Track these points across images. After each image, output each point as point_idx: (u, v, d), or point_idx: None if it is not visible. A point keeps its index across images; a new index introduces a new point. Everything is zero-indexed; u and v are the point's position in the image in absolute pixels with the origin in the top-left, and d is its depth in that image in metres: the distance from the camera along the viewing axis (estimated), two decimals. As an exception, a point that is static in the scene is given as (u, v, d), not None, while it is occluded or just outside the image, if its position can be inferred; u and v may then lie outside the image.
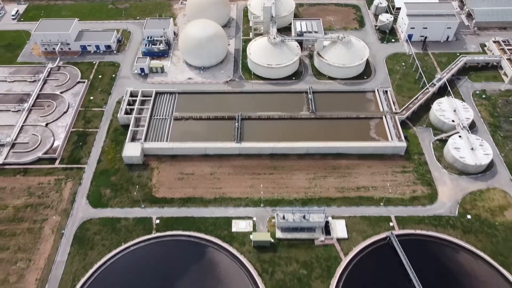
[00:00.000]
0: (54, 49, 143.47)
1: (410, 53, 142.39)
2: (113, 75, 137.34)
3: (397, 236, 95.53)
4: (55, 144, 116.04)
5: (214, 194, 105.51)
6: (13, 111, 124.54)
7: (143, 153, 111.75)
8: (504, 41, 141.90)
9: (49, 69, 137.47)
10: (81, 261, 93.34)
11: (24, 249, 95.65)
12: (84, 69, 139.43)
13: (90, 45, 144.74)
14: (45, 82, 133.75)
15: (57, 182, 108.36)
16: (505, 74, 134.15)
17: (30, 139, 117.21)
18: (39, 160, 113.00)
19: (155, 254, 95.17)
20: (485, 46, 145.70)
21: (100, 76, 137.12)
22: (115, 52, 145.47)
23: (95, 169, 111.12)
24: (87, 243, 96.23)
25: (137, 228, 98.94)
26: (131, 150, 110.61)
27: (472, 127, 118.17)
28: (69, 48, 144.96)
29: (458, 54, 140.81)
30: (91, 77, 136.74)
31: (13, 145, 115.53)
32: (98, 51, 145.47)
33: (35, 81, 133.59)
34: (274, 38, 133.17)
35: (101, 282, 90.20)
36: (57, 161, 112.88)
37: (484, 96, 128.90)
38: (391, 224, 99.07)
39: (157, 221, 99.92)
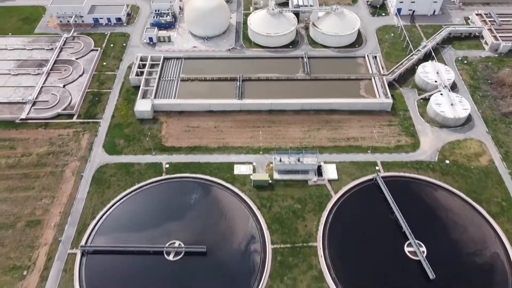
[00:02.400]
0: (68, 21, 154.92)
1: (399, 25, 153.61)
2: (124, 44, 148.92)
3: (382, 177, 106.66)
4: (72, 102, 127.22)
5: (217, 143, 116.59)
6: (33, 74, 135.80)
7: (153, 109, 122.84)
8: (486, 14, 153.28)
9: (65, 38, 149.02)
10: (99, 197, 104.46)
11: (48, 189, 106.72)
12: (96, 39, 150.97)
13: (102, 18, 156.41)
14: (61, 50, 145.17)
15: (75, 134, 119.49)
16: (485, 42, 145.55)
17: (50, 98, 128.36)
18: (58, 116, 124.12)
19: (166, 192, 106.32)
20: (469, 19, 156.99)
21: (112, 45, 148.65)
22: (125, 24, 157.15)
23: (109, 123, 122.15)
24: (104, 183, 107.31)
25: (149, 171, 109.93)
26: (143, 106, 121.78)
27: (453, 87, 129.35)
28: (83, 21, 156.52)
29: (443, 26, 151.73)
30: (103, 45, 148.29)
31: (34, 103, 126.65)
32: (109, 23, 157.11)
33: (52, 49, 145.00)
34: (273, 9, 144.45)
35: (118, 214, 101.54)
36: (75, 117, 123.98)
37: (465, 62, 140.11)
38: (377, 168, 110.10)
39: (167, 166, 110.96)
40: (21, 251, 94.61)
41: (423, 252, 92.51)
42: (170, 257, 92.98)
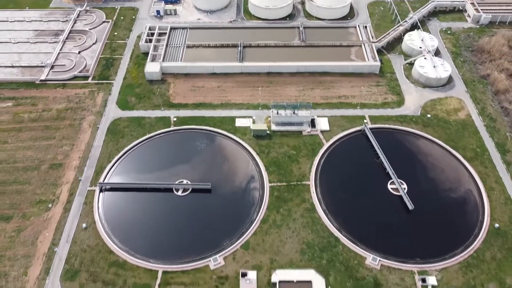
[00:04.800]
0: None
1: (388, 0, 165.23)
2: (133, 17, 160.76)
3: (370, 128, 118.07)
4: (87, 66, 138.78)
5: (220, 100, 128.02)
6: (50, 43, 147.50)
7: (162, 71, 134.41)
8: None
9: (78, 11, 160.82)
10: (114, 145, 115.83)
11: (67, 138, 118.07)
12: (108, 12, 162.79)
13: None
14: (75, 21, 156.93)
15: (91, 93, 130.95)
16: (468, 15, 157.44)
17: (67, 62, 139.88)
18: (74, 78, 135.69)
19: (174, 140, 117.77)
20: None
21: (122, 18, 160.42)
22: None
23: (121, 84, 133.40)
24: (118, 133, 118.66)
25: (158, 124, 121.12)
26: (152, 67, 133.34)
27: (437, 54, 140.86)
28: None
29: (429, 0, 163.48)
30: (114, 18, 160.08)
31: (52, 67, 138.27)
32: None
33: (67, 20, 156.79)
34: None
35: (132, 158, 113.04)
36: (90, 78, 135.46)
37: (449, 32, 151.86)
38: (365, 121, 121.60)
39: (175, 119, 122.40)
40: (46, 188, 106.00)
41: (404, 188, 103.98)
42: (179, 193, 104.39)
